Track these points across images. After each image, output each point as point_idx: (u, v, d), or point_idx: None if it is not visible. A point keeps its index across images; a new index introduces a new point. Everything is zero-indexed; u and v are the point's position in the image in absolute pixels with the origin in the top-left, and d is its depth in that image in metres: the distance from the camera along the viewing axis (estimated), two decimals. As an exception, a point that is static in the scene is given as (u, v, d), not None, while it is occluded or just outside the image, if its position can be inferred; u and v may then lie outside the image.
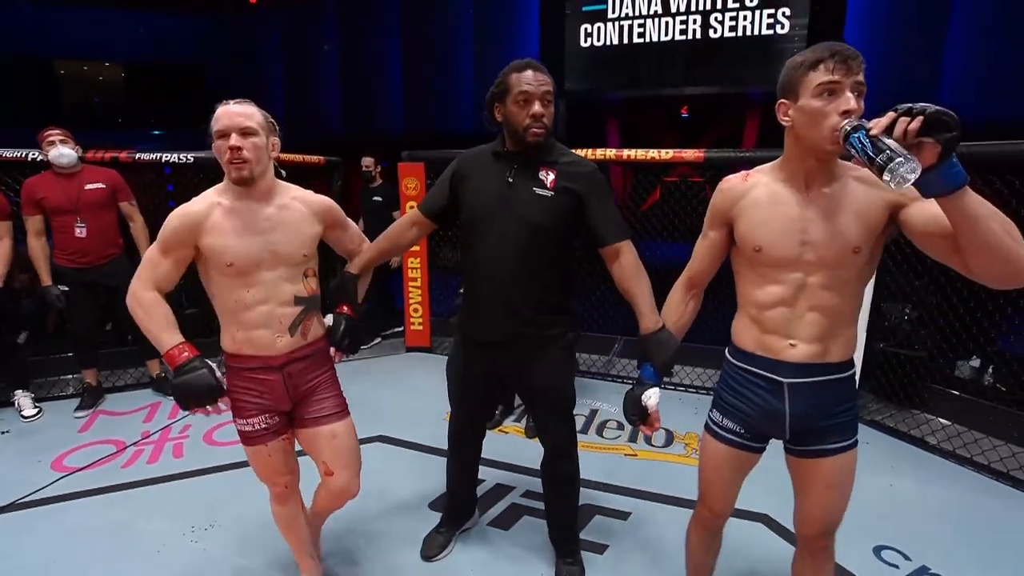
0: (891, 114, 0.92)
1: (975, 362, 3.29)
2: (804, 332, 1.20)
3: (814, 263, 1.17)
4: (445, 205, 1.60)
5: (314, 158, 3.88)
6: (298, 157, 3.78)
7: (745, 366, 1.28)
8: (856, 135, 0.95)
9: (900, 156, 0.89)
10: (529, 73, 1.44)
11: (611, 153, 3.38)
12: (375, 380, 3.45)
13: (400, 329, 4.12)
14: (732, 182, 1.28)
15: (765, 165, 1.27)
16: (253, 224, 1.37)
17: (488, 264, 1.50)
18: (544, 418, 1.66)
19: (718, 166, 3.07)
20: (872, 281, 2.83)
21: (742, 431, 1.31)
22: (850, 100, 1.06)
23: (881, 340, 3.12)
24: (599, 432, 2.86)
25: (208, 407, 1.31)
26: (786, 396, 1.23)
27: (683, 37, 5.55)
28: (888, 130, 0.92)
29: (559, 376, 1.58)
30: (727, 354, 1.34)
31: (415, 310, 3.94)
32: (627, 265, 1.45)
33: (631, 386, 1.39)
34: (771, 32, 5.30)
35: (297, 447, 1.55)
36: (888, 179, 0.90)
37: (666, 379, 1.38)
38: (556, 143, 1.53)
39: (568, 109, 6.20)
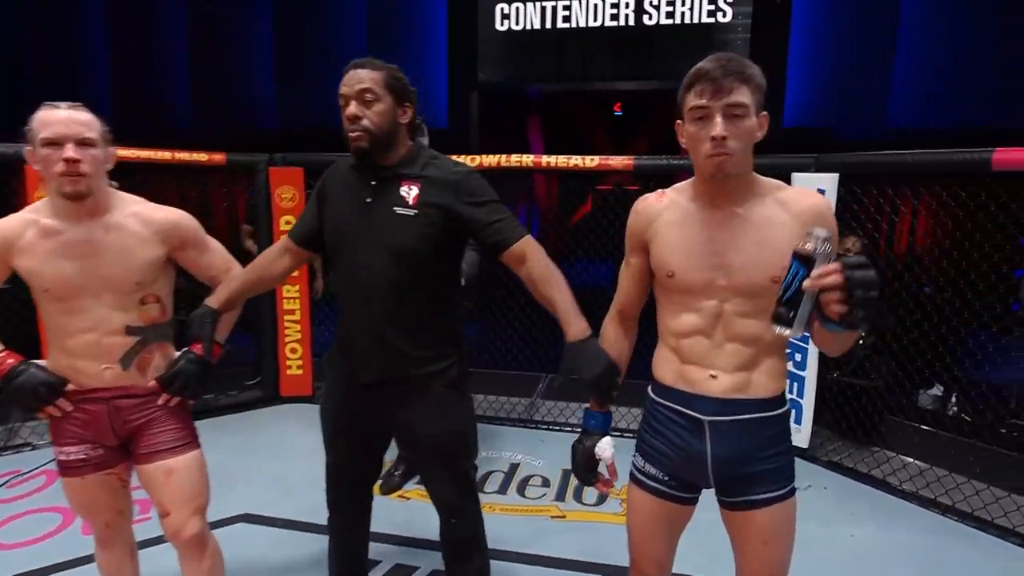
0: (831, 278, 1.04)
1: (937, 391, 3.57)
2: (724, 362, 1.28)
3: (728, 290, 1.26)
4: (316, 229, 1.63)
5: (218, 156, 3.57)
6: (202, 156, 3.51)
7: (665, 402, 1.36)
8: (795, 263, 1.09)
9: (791, 325, 1.08)
10: (349, 73, 1.51)
11: (527, 160, 3.45)
12: (240, 440, 3.30)
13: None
14: (646, 202, 1.37)
15: (683, 183, 1.35)
16: (72, 247, 1.46)
17: (355, 295, 1.55)
18: (430, 471, 1.67)
19: (651, 175, 3.19)
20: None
21: (666, 478, 1.36)
22: (717, 126, 1.18)
23: (835, 369, 3.31)
24: (520, 491, 2.84)
25: (55, 404, 1.47)
26: (707, 436, 1.30)
27: (615, 23, 5.79)
28: (823, 289, 1.06)
29: (443, 419, 1.61)
30: (649, 390, 1.41)
31: (292, 350, 3.83)
32: (536, 266, 1.50)
33: (577, 436, 1.43)
34: (712, 20, 5.67)
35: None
36: (772, 323, 1.11)
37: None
38: (424, 150, 1.58)
39: (481, 103, 6.28)
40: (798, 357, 3.15)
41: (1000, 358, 3.68)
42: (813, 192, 1.33)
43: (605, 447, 1.38)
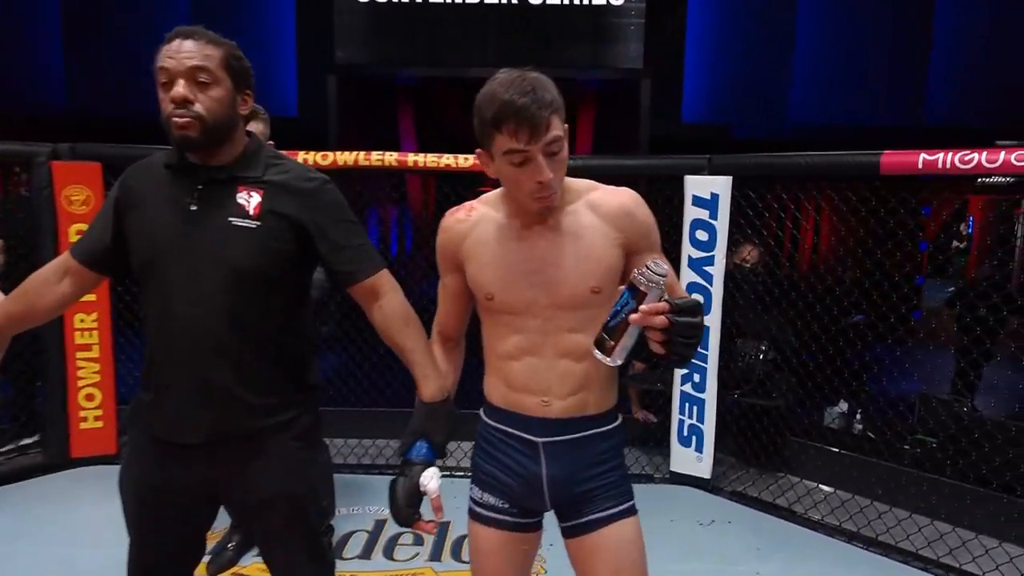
0: (657, 319, 1.13)
1: (842, 407, 3.76)
2: (558, 386, 1.36)
3: (552, 307, 1.34)
4: (109, 246, 1.50)
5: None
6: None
7: (498, 424, 1.43)
8: (627, 292, 1.15)
9: (611, 354, 1.17)
10: (174, 44, 1.39)
11: (390, 159, 3.30)
12: (9, 520, 2.91)
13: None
14: (455, 219, 1.41)
15: (492, 193, 1.41)
16: None
17: (173, 328, 1.43)
18: (272, 540, 1.56)
19: None
20: (719, 315, 3.10)
21: (506, 505, 1.42)
22: (544, 170, 1.23)
23: (735, 389, 3.38)
24: (388, 553, 2.71)
25: None
26: (542, 456, 1.39)
27: (498, 0, 5.78)
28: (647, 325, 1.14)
29: (291, 480, 1.52)
30: (481, 414, 1.47)
31: (88, 396, 3.40)
32: (391, 307, 1.48)
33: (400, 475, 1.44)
34: (604, 2, 5.77)
35: None
36: (593, 348, 1.19)
37: (441, 461, 1.49)
38: (264, 149, 1.52)
39: (340, 89, 6.09)
40: (696, 378, 3.18)
41: (900, 369, 3.94)
42: (622, 190, 1.39)
43: (431, 477, 1.39)
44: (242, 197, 1.44)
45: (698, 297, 1.24)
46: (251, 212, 1.43)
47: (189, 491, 1.50)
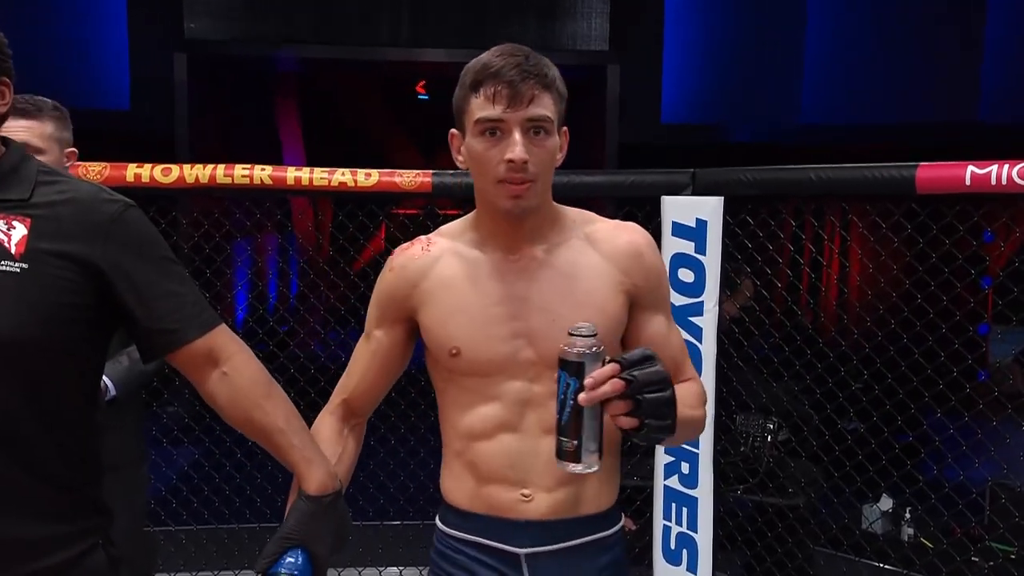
0: (609, 385, 1.19)
1: (885, 504, 3.76)
2: (542, 474, 1.41)
3: (538, 364, 1.40)
4: None
5: None
6: None
7: (462, 535, 1.48)
8: (563, 374, 1.23)
9: (580, 458, 1.24)
10: None
11: (262, 175, 3.21)
12: None
13: None
14: (408, 255, 1.51)
15: (456, 222, 1.52)
16: None
17: None
18: None
19: (464, 199, 3.12)
20: (712, 382, 3.10)
21: None
22: (517, 146, 1.33)
23: (737, 483, 3.38)
24: None
25: None
26: (526, 575, 1.45)
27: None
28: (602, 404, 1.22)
29: None
30: (437, 521, 1.54)
31: None
32: (243, 374, 1.50)
33: None
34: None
35: None
36: (557, 460, 1.27)
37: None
38: (29, 161, 1.50)
39: (192, 74, 6.06)
40: (684, 468, 3.15)
41: (962, 450, 3.91)
42: (630, 226, 1.51)
43: None
44: None
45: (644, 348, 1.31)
46: (11, 251, 1.38)
47: None
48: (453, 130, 1.46)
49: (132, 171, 3.05)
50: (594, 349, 1.23)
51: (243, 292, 6.13)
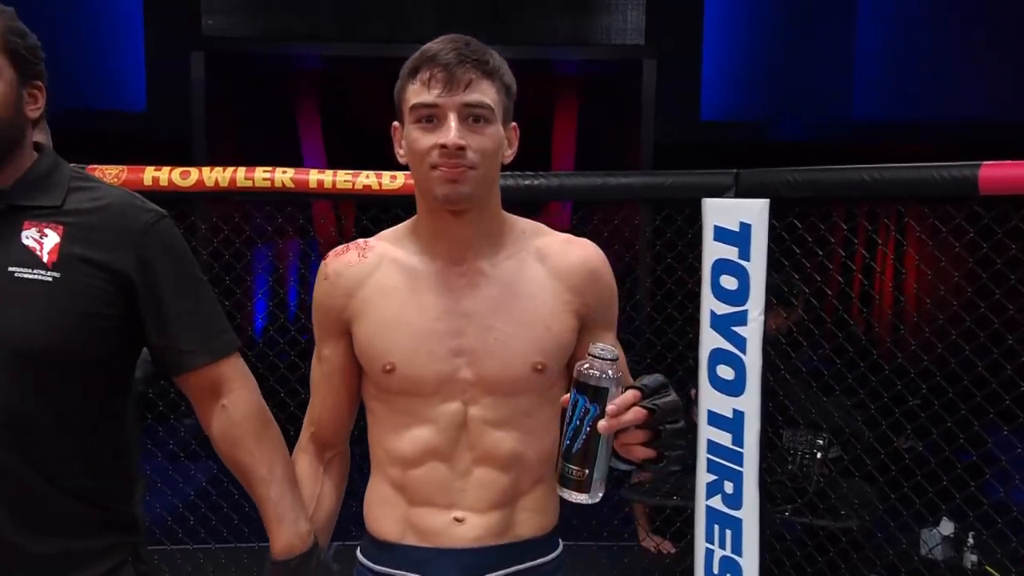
0: (630, 414, 1.19)
1: (947, 528, 3.69)
2: (474, 498, 1.42)
3: (476, 386, 1.41)
4: None
5: None
6: None
7: (387, 569, 1.47)
8: (581, 397, 1.22)
9: (589, 488, 1.24)
10: None
11: (284, 178, 3.24)
12: None
13: None
14: (343, 261, 1.50)
15: (397, 227, 1.54)
16: None
17: None
18: None
19: (515, 201, 3.09)
20: (756, 396, 3.07)
21: None
22: (451, 131, 1.33)
23: (784, 503, 3.34)
24: None
25: None
26: None
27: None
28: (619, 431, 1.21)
29: None
30: (358, 554, 1.54)
31: None
32: (240, 410, 1.52)
33: None
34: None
35: None
36: (560, 487, 1.26)
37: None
38: (63, 166, 1.53)
39: (210, 74, 6.13)
40: (728, 488, 3.12)
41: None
42: (583, 242, 1.51)
43: None
44: (29, 236, 1.42)
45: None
46: (43, 258, 1.41)
47: None
48: (395, 123, 1.47)
49: (150, 174, 3.10)
50: (618, 374, 1.23)
51: (263, 300, 6.16)
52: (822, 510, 3.34)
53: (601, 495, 1.26)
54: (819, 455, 3.39)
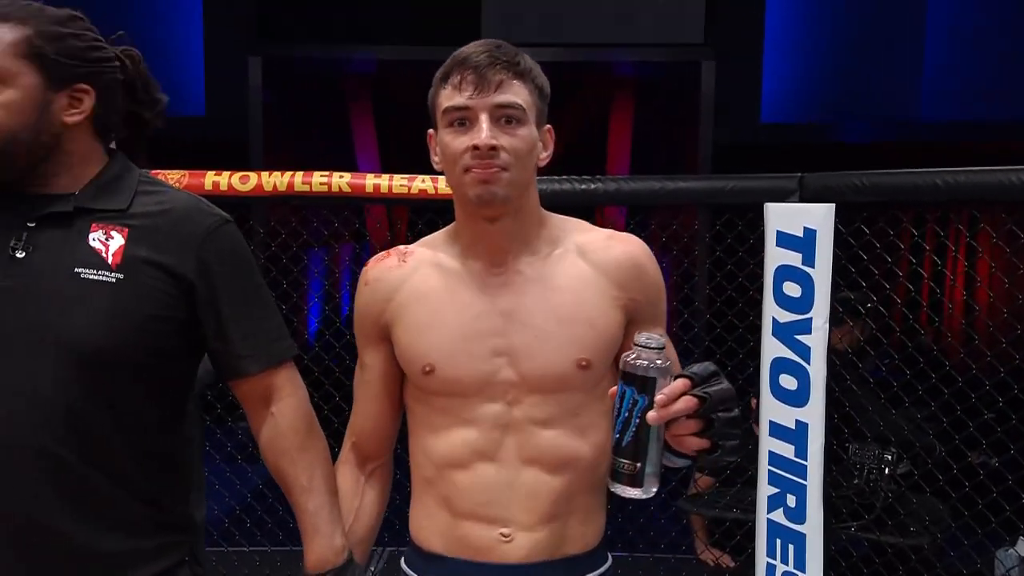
0: (680, 403, 1.18)
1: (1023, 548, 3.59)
2: (522, 509, 1.41)
3: (519, 386, 1.41)
4: None
5: None
6: None
7: None
8: (628, 389, 1.21)
9: (642, 482, 1.23)
10: None
11: (340, 182, 3.26)
12: None
13: None
14: (382, 267, 1.52)
15: (438, 232, 1.55)
16: None
17: None
18: None
19: (561, 208, 3.14)
20: (821, 407, 3.01)
21: None
22: (482, 132, 1.34)
23: (850, 519, 3.28)
24: None
25: None
26: None
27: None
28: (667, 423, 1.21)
29: None
30: (403, 564, 1.55)
31: None
32: (288, 419, 1.54)
33: None
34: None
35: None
36: (612, 482, 1.26)
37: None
38: (132, 171, 1.55)
39: (267, 79, 6.21)
40: (791, 501, 3.07)
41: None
42: (627, 237, 1.52)
43: None
44: (96, 238, 1.44)
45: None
46: (108, 260, 1.43)
47: None
48: (430, 130, 1.50)
49: (210, 179, 3.15)
50: (665, 363, 1.22)
51: (317, 304, 6.23)
52: (890, 527, 3.27)
53: (655, 490, 1.25)
54: (887, 470, 3.32)
